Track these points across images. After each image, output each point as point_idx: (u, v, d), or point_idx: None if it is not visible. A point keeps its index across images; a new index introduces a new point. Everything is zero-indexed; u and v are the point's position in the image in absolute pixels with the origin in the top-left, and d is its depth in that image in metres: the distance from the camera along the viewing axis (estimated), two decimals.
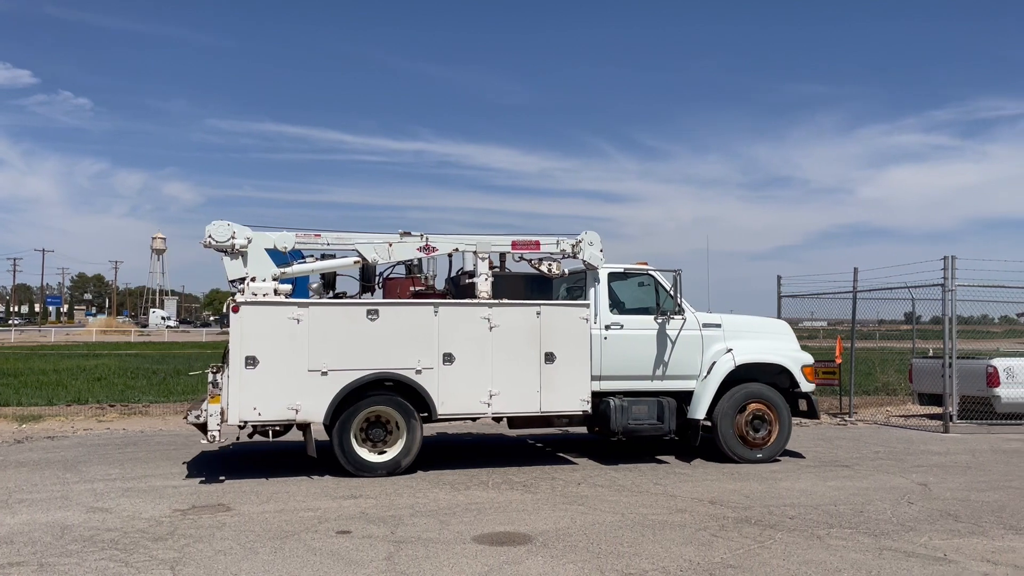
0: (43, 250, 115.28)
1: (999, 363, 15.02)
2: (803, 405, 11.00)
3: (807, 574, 5.92)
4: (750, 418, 10.57)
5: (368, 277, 10.64)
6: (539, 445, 12.20)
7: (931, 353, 19.14)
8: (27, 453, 11.14)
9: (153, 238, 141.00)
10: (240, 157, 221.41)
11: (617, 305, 10.60)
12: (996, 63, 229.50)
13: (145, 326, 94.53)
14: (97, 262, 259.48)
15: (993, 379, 14.79)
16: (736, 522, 7.41)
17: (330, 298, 10.42)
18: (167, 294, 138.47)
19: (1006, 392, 14.77)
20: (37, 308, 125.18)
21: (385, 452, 9.52)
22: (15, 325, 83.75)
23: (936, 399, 15.12)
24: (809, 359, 11.16)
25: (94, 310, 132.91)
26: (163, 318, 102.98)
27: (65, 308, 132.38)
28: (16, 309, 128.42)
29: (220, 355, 10.00)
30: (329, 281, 10.70)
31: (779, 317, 17.92)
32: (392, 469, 9.43)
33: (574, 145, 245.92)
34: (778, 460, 10.73)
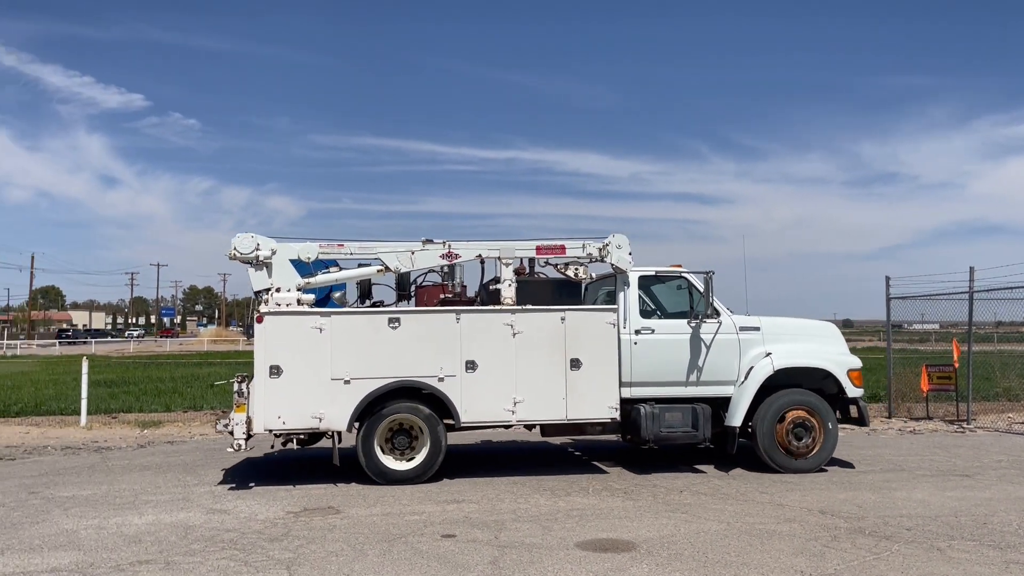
0: (158, 264, 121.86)
1: None
2: (853, 412, 10.39)
3: None
4: (791, 426, 9.99)
5: (403, 286, 10.68)
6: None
7: None
8: (150, 457, 11.78)
9: None
10: (340, 171, 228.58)
11: (648, 309, 10.33)
12: None
13: (252, 335, 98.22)
14: (207, 275, 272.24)
15: None
16: (849, 532, 7.15)
17: (367, 307, 10.48)
18: None
19: None
20: (153, 319, 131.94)
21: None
22: (136, 336, 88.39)
23: None
24: (857, 363, 10.47)
25: (205, 320, 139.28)
26: None
27: (178, 319, 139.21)
28: (134, 320, 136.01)
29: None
30: (365, 290, 10.76)
31: (888, 319, 17.32)
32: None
33: (666, 148, 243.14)
34: (875, 470, 10.29)
